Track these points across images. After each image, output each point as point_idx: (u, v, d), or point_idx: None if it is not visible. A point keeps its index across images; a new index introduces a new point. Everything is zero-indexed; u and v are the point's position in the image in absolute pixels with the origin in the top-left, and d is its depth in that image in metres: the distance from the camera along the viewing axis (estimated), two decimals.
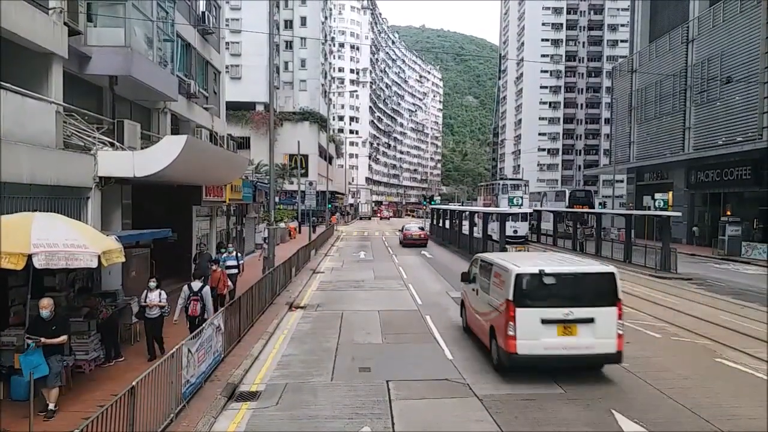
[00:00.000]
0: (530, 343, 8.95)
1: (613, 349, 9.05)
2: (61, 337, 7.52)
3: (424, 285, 19.71)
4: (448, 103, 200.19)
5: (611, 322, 9.08)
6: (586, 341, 9.01)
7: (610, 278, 9.31)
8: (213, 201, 19.94)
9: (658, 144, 44.47)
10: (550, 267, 9.49)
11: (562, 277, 9.35)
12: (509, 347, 9.01)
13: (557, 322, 9.00)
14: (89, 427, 5.19)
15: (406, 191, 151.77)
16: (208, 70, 23.33)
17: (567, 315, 9.00)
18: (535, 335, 8.97)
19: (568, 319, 9.00)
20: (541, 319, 9.01)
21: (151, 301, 10.02)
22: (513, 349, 8.98)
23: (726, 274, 23.99)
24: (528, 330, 8.95)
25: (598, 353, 9.11)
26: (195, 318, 10.39)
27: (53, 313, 7.56)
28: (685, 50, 40.70)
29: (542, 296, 9.22)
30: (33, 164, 9.61)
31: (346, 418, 7.70)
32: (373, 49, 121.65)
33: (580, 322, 9.02)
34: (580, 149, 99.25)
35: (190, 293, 10.53)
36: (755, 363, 10.33)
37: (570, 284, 9.36)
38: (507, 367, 9.39)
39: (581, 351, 9.04)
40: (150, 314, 10.08)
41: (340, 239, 43.85)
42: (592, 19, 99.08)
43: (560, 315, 9.01)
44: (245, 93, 58.01)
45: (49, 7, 11.05)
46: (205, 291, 10.68)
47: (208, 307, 10.52)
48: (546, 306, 9.12)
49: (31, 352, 7.11)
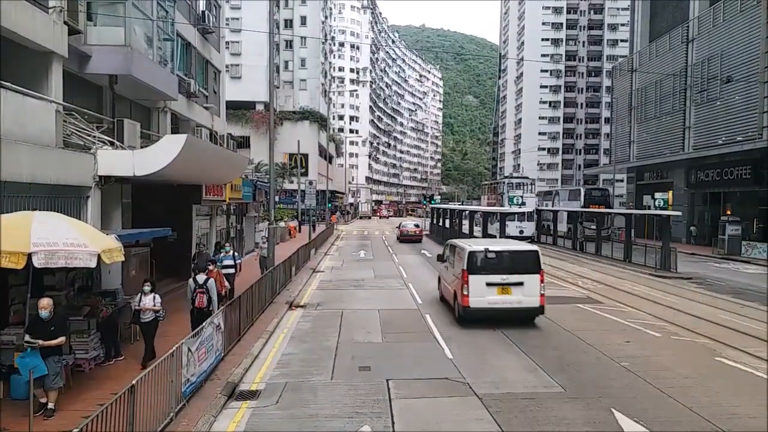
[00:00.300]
0: (478, 299, 12.58)
1: (537, 304, 12.72)
2: (59, 339, 7.46)
3: (424, 284, 19.70)
4: (448, 103, 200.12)
5: (535, 286, 12.69)
6: (517, 298, 12.67)
7: (534, 254, 13.09)
8: (213, 200, 19.95)
9: (658, 143, 44.45)
10: (493, 247, 13.26)
11: (500, 254, 13.09)
12: (464, 302, 12.63)
13: (497, 284, 12.63)
14: (89, 426, 5.19)
15: (406, 190, 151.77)
16: (208, 69, 23.33)
17: (504, 280, 12.63)
18: (481, 294, 12.60)
19: (505, 282, 12.63)
20: (486, 282, 12.62)
21: (144, 305, 9.82)
22: (467, 303, 12.59)
23: (726, 274, 23.99)
24: (477, 290, 12.61)
25: (526, 307, 12.76)
26: (201, 309, 10.74)
27: (52, 313, 7.53)
28: (685, 50, 40.67)
29: (487, 267, 12.78)
30: (33, 163, 9.61)
31: (346, 417, 7.69)
32: (373, 48, 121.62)
33: (513, 285, 12.65)
34: (580, 148, 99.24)
35: (196, 286, 10.91)
36: (755, 362, 10.32)
37: (506, 259, 13.02)
38: (463, 318, 12.83)
39: (514, 305, 12.68)
40: (144, 318, 9.88)
41: (340, 238, 43.85)
42: (592, 18, 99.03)
43: (499, 279, 12.64)
44: (245, 92, 58.04)
45: (49, 6, 11.05)
46: (210, 283, 11.04)
47: (213, 299, 10.97)
48: (489, 273, 12.70)
49: (29, 354, 7.10)
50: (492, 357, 10.65)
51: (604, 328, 13.16)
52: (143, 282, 10.16)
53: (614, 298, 17.14)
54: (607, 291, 18.60)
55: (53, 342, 7.34)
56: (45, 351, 7.25)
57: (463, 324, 12.89)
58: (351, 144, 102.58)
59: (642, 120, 47.63)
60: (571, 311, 15.10)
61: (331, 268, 24.88)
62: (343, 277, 21.73)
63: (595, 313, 14.84)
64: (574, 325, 13.24)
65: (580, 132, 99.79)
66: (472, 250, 13.04)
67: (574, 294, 18.03)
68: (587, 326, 13.26)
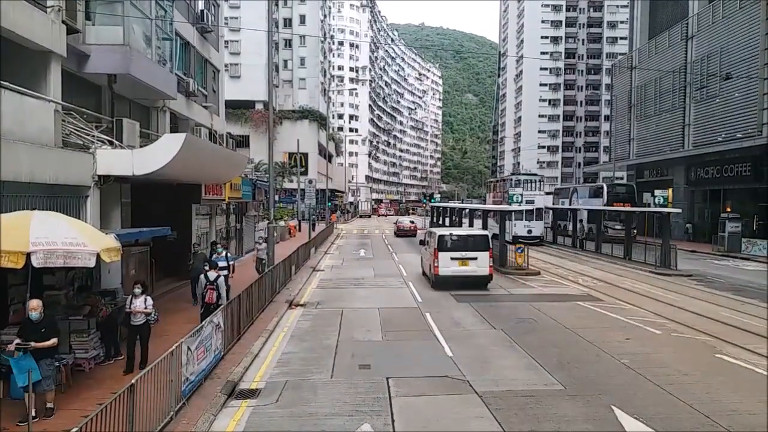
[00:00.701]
0: (445, 269, 17.68)
1: (486, 273, 17.72)
2: (52, 340, 7.24)
3: (424, 283, 19.70)
4: (447, 101, 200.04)
5: (486, 260, 17.70)
6: (472, 269, 17.67)
7: (485, 237, 18.29)
8: (212, 199, 19.95)
9: (657, 141, 44.42)
10: (456, 232, 19.27)
11: (460, 237, 18.44)
12: (436, 272, 17.78)
13: (458, 259, 17.69)
14: (89, 425, 5.18)
15: (406, 189, 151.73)
16: (207, 68, 23.30)
17: (463, 255, 17.68)
18: (447, 265, 17.66)
19: (463, 257, 17.67)
20: (450, 257, 17.70)
21: (135, 308, 9.50)
22: (437, 272, 17.75)
23: (726, 271, 23.98)
24: (444, 263, 17.68)
25: (479, 275, 17.67)
26: (210, 305, 11.31)
27: (42, 314, 7.31)
28: (684, 47, 40.63)
29: (450, 246, 17.86)
30: (32, 163, 9.60)
31: (346, 415, 7.69)
32: (373, 47, 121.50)
33: (470, 259, 17.69)
34: (580, 146, 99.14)
35: (207, 282, 11.58)
36: (755, 359, 10.32)
37: (464, 240, 18.09)
38: (435, 283, 17.96)
39: (470, 273, 17.63)
40: (135, 321, 9.53)
41: (340, 237, 43.84)
42: (592, 16, 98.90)
43: (459, 255, 17.69)
44: (244, 91, 58.02)
45: (48, 5, 11.03)
46: (220, 281, 11.70)
47: (222, 295, 11.59)
48: (452, 251, 17.77)
49: (22, 356, 6.92)
50: (492, 355, 10.65)
51: (604, 325, 13.16)
52: (134, 284, 9.88)
53: (614, 296, 17.14)
54: (607, 288, 18.59)
55: (46, 343, 7.14)
56: (37, 353, 7.04)
57: (437, 287, 17.90)
58: (351, 143, 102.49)
59: (642, 117, 47.61)
60: (571, 309, 15.10)
61: (331, 266, 24.87)
62: (343, 276, 21.72)
63: (596, 311, 14.84)
64: (574, 323, 13.24)
65: (579, 130, 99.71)
66: (440, 234, 18.45)
67: (574, 291, 18.03)
68: (587, 324, 13.26)
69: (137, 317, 9.56)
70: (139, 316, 9.56)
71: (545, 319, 13.76)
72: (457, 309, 15.08)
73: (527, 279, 20.75)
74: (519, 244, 23.91)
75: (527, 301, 16.07)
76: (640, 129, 47.87)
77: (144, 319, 9.61)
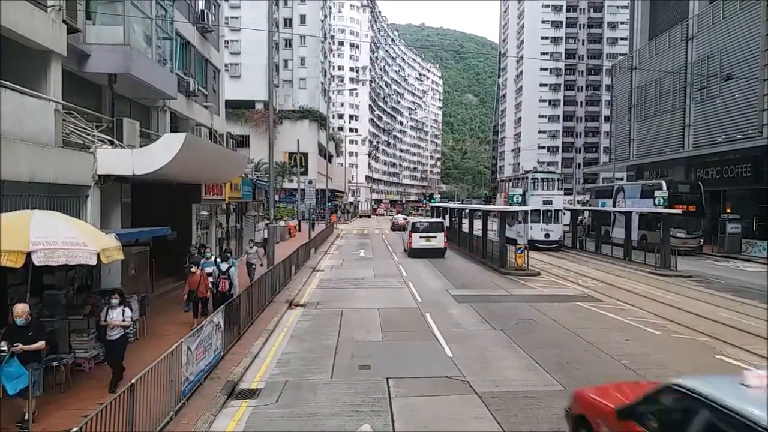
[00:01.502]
0: (416, 243, 28.17)
1: (442, 246, 28.25)
2: (39, 343, 7.07)
3: (424, 283, 19.71)
4: (447, 101, 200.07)
5: (442, 238, 28.33)
6: (433, 244, 28.10)
7: (441, 224, 30.13)
8: (212, 199, 19.94)
9: (658, 141, 44.43)
10: (423, 220, 32.34)
11: (425, 223, 30.04)
12: (409, 245, 28.65)
13: (424, 237, 28.22)
14: (88, 425, 5.18)
15: (406, 189, 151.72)
16: (207, 68, 23.30)
17: (427, 235, 28.28)
18: (417, 242, 28.20)
19: (428, 236, 28.20)
20: (419, 236, 28.27)
21: (111, 321, 8.45)
22: (411, 246, 28.46)
23: (726, 272, 23.99)
24: (415, 240, 28.29)
25: (437, 247, 28.05)
26: (224, 293, 12.37)
27: (28, 319, 7.13)
28: (684, 47, 40.64)
29: (419, 229, 28.76)
30: (32, 162, 9.60)
31: (345, 415, 7.69)
32: (373, 47, 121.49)
33: (432, 237, 28.18)
34: (580, 147, 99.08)
35: (219, 273, 12.63)
36: (755, 360, 10.32)
37: (429, 225, 29.32)
38: (409, 253, 28.71)
39: (432, 246, 28.01)
40: (110, 335, 8.51)
41: (339, 237, 43.84)
42: (592, 16, 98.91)
43: (425, 235, 28.27)
44: (245, 91, 57.98)
45: (48, 4, 11.02)
46: (232, 271, 12.72)
47: (234, 284, 12.59)
48: (421, 232, 28.47)
49: (9, 363, 6.64)
50: (492, 355, 10.65)
51: (604, 326, 13.16)
52: (112, 293, 8.85)
53: (614, 296, 17.14)
54: (607, 289, 18.60)
55: (33, 346, 6.96)
56: (24, 357, 6.84)
57: (411, 256, 28.17)
58: (351, 143, 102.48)
59: (642, 118, 47.61)
60: (571, 309, 15.10)
61: (330, 267, 24.88)
62: (343, 276, 21.72)
63: (595, 312, 14.84)
64: (574, 324, 13.24)
65: (579, 130, 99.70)
66: (413, 221, 31.27)
67: (574, 292, 18.03)
68: (587, 324, 13.27)
69: (113, 331, 8.52)
70: (115, 330, 8.52)
71: (545, 319, 13.75)
72: (457, 309, 15.08)
73: (527, 279, 20.76)
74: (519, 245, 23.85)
75: (527, 302, 16.07)
76: (641, 130, 47.87)
77: (122, 332, 8.62)
